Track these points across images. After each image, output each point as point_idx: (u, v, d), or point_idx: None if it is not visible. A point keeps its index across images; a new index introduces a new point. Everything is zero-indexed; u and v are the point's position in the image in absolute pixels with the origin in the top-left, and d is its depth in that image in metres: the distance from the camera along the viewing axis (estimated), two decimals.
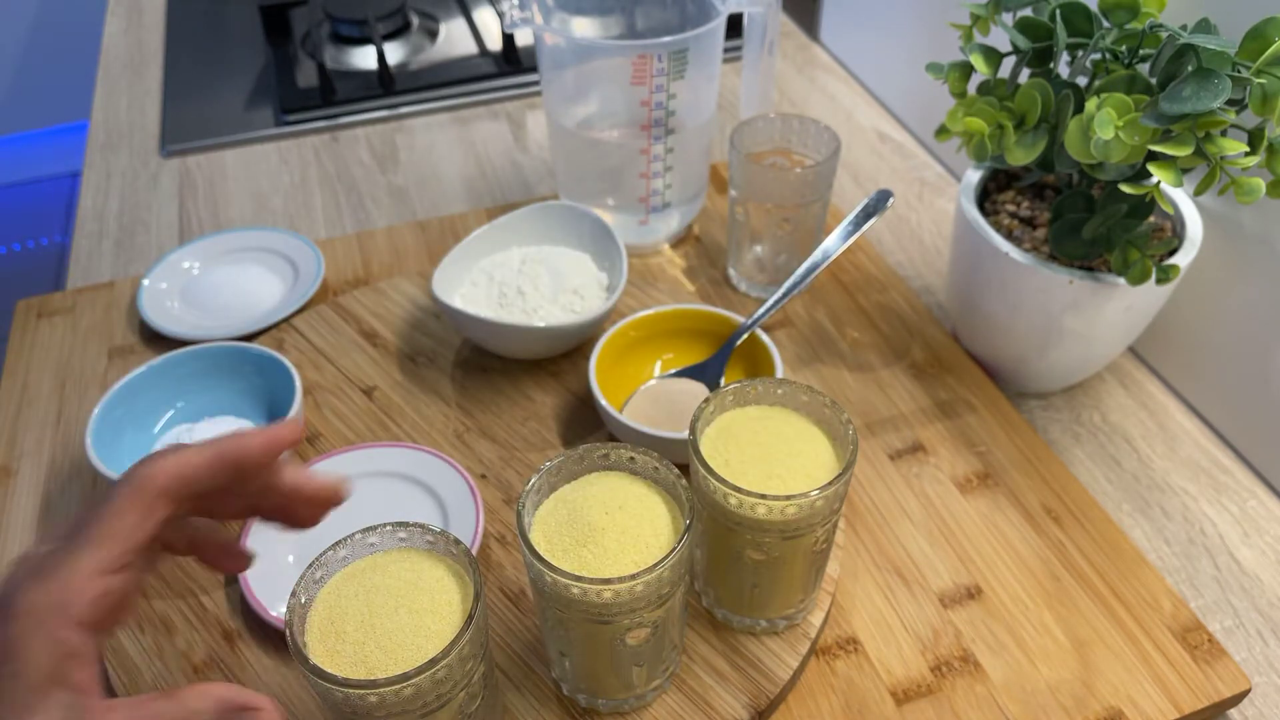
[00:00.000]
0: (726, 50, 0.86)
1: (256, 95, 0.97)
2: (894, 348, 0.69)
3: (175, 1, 1.13)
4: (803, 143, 0.71)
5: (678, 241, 0.79)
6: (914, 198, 0.84)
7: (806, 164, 0.70)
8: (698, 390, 0.61)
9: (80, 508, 0.59)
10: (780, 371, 0.60)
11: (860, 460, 0.62)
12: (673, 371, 0.63)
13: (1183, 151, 0.48)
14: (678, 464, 0.45)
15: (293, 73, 0.98)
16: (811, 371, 0.68)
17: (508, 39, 0.98)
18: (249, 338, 0.68)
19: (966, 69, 0.58)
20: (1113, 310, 0.58)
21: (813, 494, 0.43)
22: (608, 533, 0.42)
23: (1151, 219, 0.61)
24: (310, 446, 0.62)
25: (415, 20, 1.04)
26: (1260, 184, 0.48)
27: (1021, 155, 0.55)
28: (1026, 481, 0.60)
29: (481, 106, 0.96)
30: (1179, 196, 0.61)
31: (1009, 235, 0.62)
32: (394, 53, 1.00)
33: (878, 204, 0.65)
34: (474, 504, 0.56)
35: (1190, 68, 0.48)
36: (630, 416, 0.59)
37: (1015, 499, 0.60)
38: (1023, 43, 0.55)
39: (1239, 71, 0.47)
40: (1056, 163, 0.56)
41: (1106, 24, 0.54)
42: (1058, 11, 0.54)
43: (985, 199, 0.65)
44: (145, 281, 0.72)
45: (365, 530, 0.42)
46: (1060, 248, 0.58)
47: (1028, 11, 0.56)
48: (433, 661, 0.37)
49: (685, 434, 0.54)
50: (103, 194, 0.86)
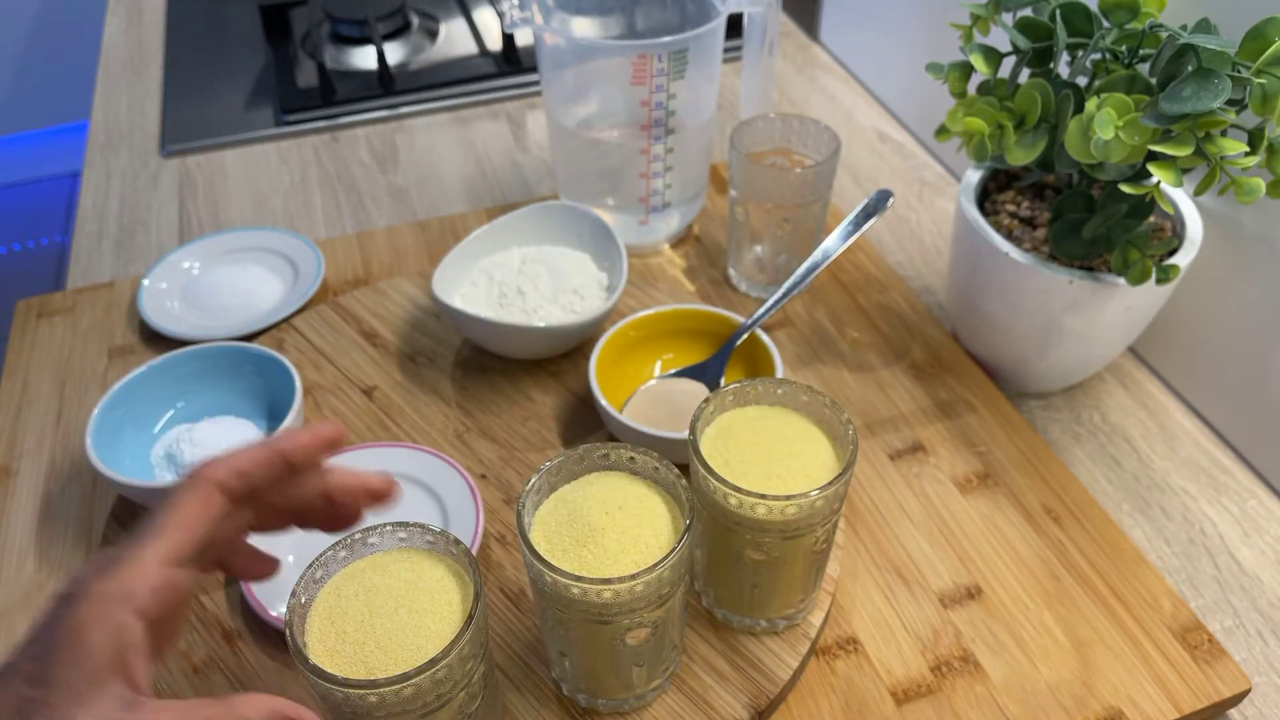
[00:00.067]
0: (726, 50, 0.86)
1: (256, 95, 0.97)
2: (894, 348, 0.69)
3: (175, 1, 1.13)
4: (803, 143, 0.71)
5: (678, 241, 0.79)
6: (914, 198, 0.84)
7: (806, 164, 0.70)
8: (698, 390, 0.61)
9: (80, 508, 0.60)
10: (780, 371, 0.60)
11: (860, 460, 0.62)
12: (673, 371, 0.63)
13: (1183, 151, 0.48)
14: (678, 464, 0.45)
15: (293, 73, 0.98)
16: (811, 371, 0.68)
17: (508, 39, 0.98)
18: (249, 338, 0.68)
19: (966, 69, 0.58)
20: (1113, 310, 0.58)
21: (813, 494, 0.43)
22: (608, 533, 0.42)
23: (1151, 219, 0.61)
24: None
25: (415, 20, 1.04)
26: (1260, 184, 0.48)
27: (1021, 155, 0.55)
28: (1026, 481, 0.60)
29: (481, 106, 0.96)
30: (1179, 196, 0.61)
31: (1009, 235, 0.62)
32: (394, 53, 1.00)
33: (878, 204, 0.65)
34: (474, 504, 0.56)
35: (1190, 68, 0.48)
36: (630, 416, 0.59)
37: (1015, 499, 0.60)
38: (1023, 43, 0.55)
39: (1239, 71, 0.47)
40: (1056, 163, 0.56)
41: (1106, 24, 0.54)
42: (1058, 11, 0.54)
43: (985, 199, 0.65)
44: (145, 281, 0.72)
45: (365, 530, 0.42)
46: (1060, 248, 0.58)
47: (1028, 11, 0.56)
48: (433, 661, 0.37)
49: (685, 434, 0.54)
50: (103, 194, 0.86)
